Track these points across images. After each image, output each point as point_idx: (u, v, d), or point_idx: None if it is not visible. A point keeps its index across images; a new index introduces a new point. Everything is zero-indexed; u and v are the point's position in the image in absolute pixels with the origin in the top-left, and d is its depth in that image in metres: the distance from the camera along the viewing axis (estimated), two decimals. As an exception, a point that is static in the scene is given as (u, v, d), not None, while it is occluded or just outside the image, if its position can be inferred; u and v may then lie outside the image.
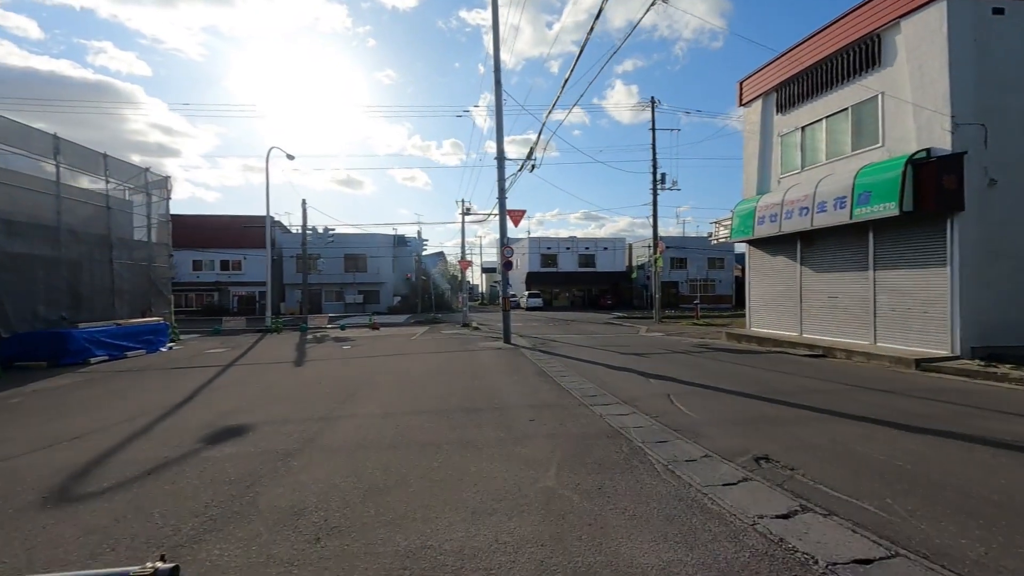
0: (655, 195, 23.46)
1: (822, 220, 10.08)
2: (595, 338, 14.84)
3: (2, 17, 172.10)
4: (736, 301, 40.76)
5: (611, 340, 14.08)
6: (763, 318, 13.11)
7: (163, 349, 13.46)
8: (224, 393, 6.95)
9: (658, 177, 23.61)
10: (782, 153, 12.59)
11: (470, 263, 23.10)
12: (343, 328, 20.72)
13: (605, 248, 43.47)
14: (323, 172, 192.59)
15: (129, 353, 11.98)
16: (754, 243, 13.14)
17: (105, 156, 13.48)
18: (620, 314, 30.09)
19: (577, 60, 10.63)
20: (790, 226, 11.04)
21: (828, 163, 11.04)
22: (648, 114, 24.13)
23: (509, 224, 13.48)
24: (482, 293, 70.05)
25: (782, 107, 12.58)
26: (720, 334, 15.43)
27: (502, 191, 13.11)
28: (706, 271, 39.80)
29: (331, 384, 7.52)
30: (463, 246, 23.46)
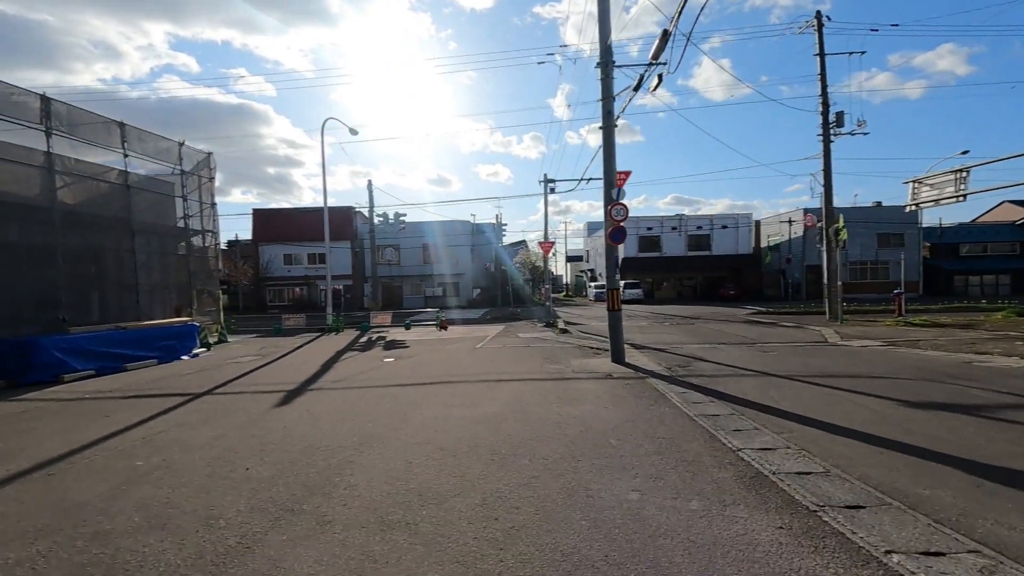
0: (826, 142, 16.22)
1: None
2: (767, 353, 9.13)
3: (173, 57, 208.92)
4: (925, 288, 30.18)
5: (808, 358, 8.29)
6: None
7: (185, 357, 11.00)
8: (21, 503, 3.20)
9: (830, 118, 16.29)
10: None
11: (553, 246, 18.34)
12: (408, 327, 17.45)
13: (724, 226, 35.34)
14: (417, 172, 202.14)
15: (131, 365, 9.48)
16: None
17: (122, 125, 11.34)
18: (757, 308, 22.89)
19: None
20: None
21: None
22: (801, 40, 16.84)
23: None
24: (566, 284, 65.10)
25: None
26: (1004, 345, 8.62)
27: (608, 114, 8.10)
28: (874, 250, 29.83)
29: (263, 475, 3.41)
30: (546, 225, 18.76)
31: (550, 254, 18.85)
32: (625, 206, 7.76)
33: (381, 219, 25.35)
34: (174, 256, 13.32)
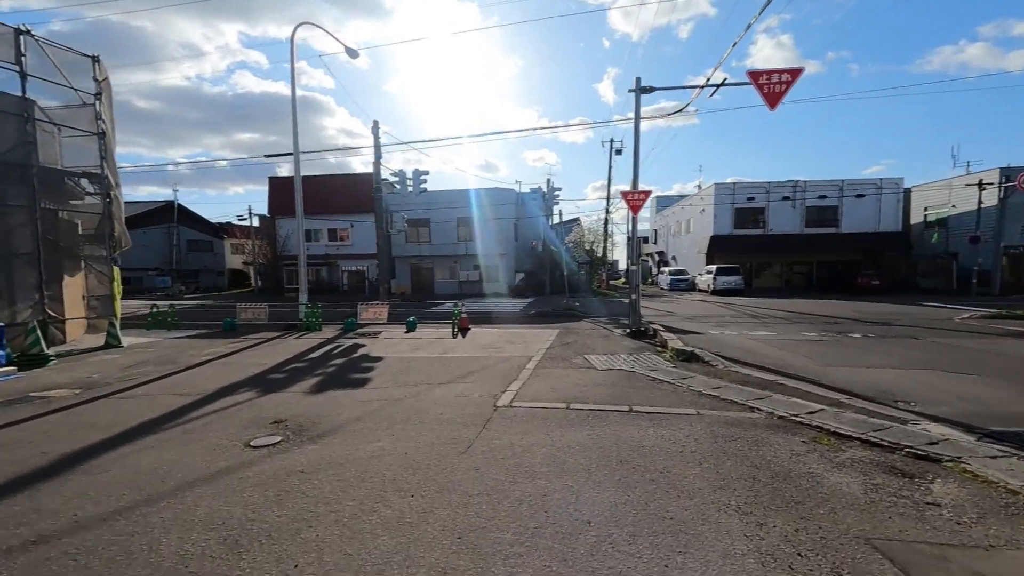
0: None
1: None
2: None
3: (245, 54, 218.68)
4: None
5: None
6: None
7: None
8: None
9: None
10: None
11: (648, 196, 11.23)
12: (410, 328, 11.54)
13: (859, 195, 26.06)
14: (468, 158, 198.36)
15: None
16: None
17: None
18: (960, 307, 14.50)
19: None
20: None
21: None
22: None
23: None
24: (624, 269, 57.01)
25: None
26: None
27: None
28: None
29: None
30: (636, 164, 11.04)
31: (628, 218, 11.83)
32: None
33: (397, 179, 19.60)
34: (15, 210, 8.17)
